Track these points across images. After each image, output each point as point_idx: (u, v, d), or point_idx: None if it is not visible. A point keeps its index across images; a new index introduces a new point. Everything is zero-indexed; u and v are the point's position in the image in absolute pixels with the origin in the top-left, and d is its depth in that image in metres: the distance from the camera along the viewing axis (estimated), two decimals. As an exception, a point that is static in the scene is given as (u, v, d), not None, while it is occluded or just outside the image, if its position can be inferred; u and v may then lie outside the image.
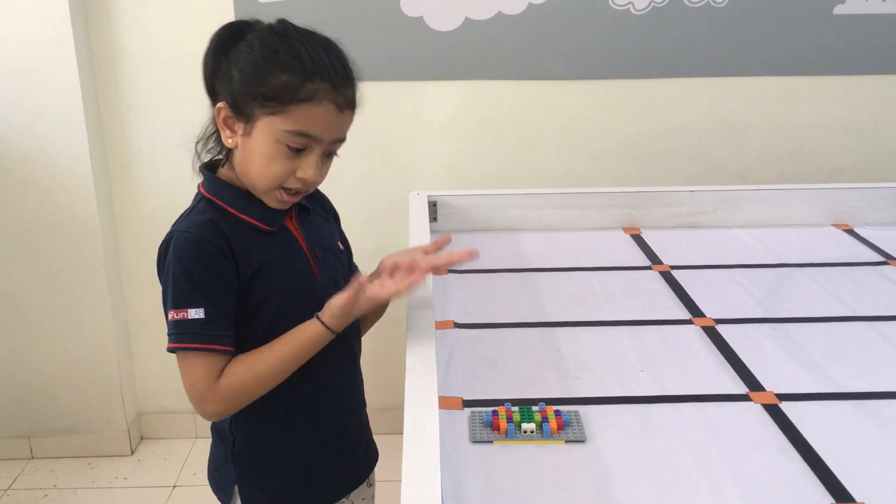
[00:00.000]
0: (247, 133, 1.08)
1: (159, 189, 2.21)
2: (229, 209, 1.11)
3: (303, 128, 1.05)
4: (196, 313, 1.06)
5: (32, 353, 2.28)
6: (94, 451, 2.37)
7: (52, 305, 2.24)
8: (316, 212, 1.23)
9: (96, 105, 2.15)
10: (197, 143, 1.19)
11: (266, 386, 1.10)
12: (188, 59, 2.12)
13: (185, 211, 1.14)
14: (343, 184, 2.16)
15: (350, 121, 1.10)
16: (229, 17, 2.06)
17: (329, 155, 1.11)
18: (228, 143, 1.11)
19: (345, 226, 1.32)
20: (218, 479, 1.24)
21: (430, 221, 1.69)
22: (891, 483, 0.89)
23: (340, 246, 1.25)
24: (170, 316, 1.07)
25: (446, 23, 2.11)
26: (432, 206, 1.72)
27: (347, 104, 1.08)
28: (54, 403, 2.33)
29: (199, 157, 1.19)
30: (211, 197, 1.13)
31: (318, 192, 1.24)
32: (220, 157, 1.18)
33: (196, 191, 1.17)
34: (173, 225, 1.12)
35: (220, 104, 1.12)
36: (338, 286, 1.14)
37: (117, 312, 2.29)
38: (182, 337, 1.06)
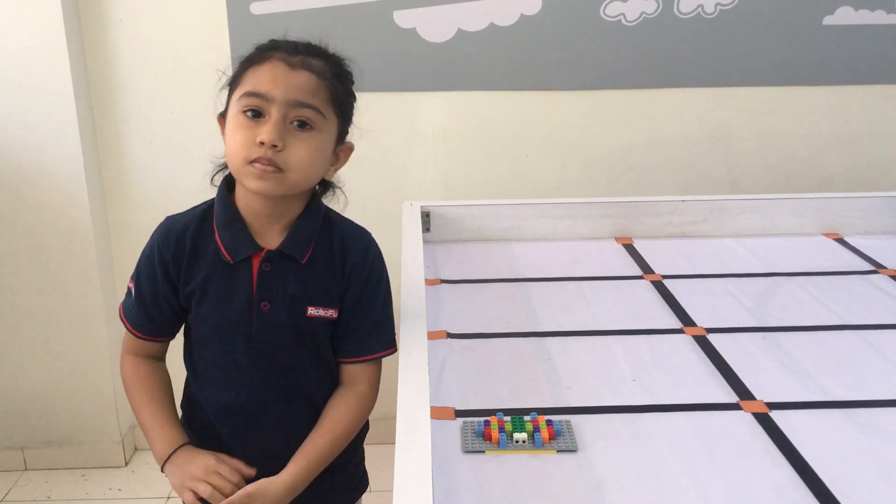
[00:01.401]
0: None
1: (153, 199, 2.21)
2: (213, 223, 1.13)
3: (252, 87, 1.05)
4: (132, 288, 1.17)
5: (26, 363, 2.27)
6: (88, 463, 2.36)
7: (46, 316, 2.23)
8: (315, 264, 1.14)
9: (90, 115, 2.15)
10: (217, 163, 1.19)
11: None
12: (182, 69, 2.13)
13: (202, 202, 1.18)
14: (335, 194, 2.16)
15: (312, 85, 1.06)
16: (223, 28, 2.08)
17: (303, 125, 1.05)
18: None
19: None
20: None
21: (424, 232, 1.69)
22: (880, 491, 0.89)
23: (315, 311, 1.14)
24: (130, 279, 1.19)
25: (439, 34, 2.12)
26: (425, 216, 1.72)
27: (304, 64, 1.06)
28: (48, 414, 2.33)
29: (214, 175, 1.20)
30: (215, 202, 1.15)
31: (347, 238, 1.17)
32: None
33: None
34: (185, 210, 1.18)
35: (217, 117, 1.14)
36: (278, 346, 1.13)
37: (111, 323, 2.28)
38: (123, 303, 1.20)
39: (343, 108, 1.12)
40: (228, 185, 1.15)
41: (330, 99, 1.08)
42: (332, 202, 1.21)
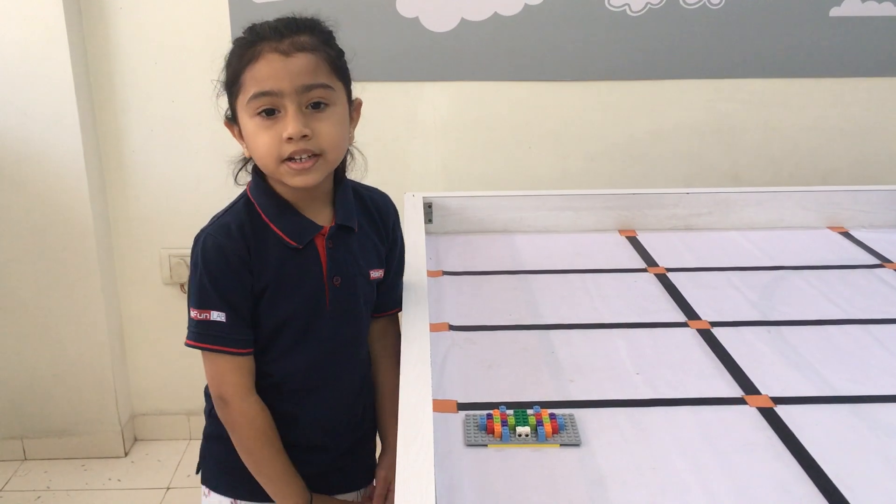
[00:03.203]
0: (241, 131, 1.10)
1: (153, 190, 2.20)
2: (263, 215, 1.12)
3: (257, 87, 1.04)
4: (218, 316, 1.09)
5: (25, 354, 2.27)
6: (88, 453, 2.36)
7: (46, 306, 2.23)
8: (363, 230, 1.19)
9: (90, 105, 2.14)
10: (236, 163, 1.18)
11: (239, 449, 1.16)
12: (183, 58, 2.11)
13: (226, 206, 1.16)
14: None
15: (311, 64, 1.05)
16: (224, 16, 2.07)
17: (318, 105, 1.06)
18: (247, 153, 1.13)
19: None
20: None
21: (426, 223, 1.68)
22: (886, 487, 0.89)
23: (374, 274, 1.20)
24: (192, 314, 1.11)
25: (442, 23, 2.10)
26: (427, 207, 1.72)
27: (295, 47, 1.05)
28: (47, 405, 2.32)
29: (237, 173, 1.19)
30: (251, 198, 1.14)
31: (378, 202, 1.24)
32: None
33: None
34: (211, 219, 1.14)
35: (224, 122, 1.14)
36: (349, 315, 1.17)
37: (111, 313, 2.28)
38: (204, 337, 1.10)
39: (342, 70, 1.12)
40: (261, 175, 1.14)
41: (330, 69, 1.08)
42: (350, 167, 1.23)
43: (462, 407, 1.04)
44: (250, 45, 1.06)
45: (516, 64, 2.15)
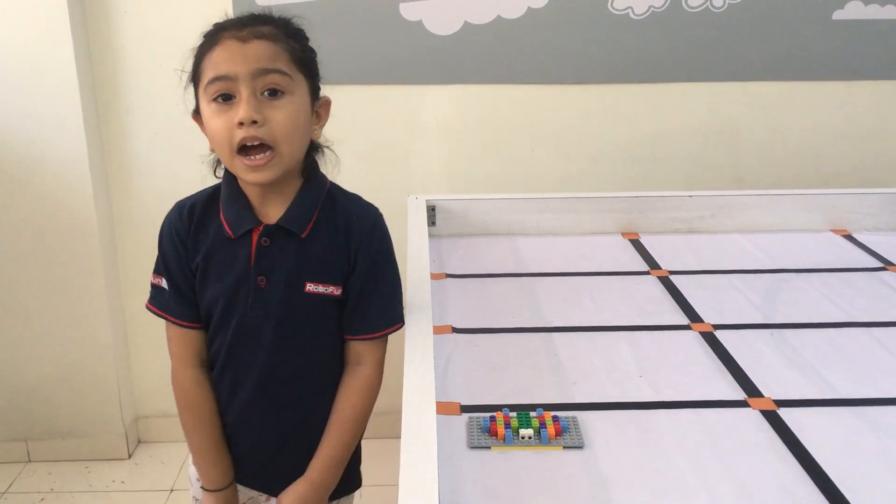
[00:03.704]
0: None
1: (157, 191, 2.21)
2: (220, 199, 1.15)
3: (214, 72, 1.04)
4: (166, 284, 1.16)
5: (29, 355, 2.27)
6: (92, 455, 2.36)
7: (50, 308, 2.23)
8: (319, 241, 1.12)
9: (94, 106, 2.15)
10: (211, 156, 1.18)
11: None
12: (187, 61, 2.12)
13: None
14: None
15: (269, 50, 1.04)
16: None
17: (274, 93, 1.04)
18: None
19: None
20: None
21: (429, 226, 1.69)
22: (888, 489, 0.89)
23: (315, 288, 1.12)
24: (152, 277, 1.18)
25: (445, 27, 2.11)
26: (431, 210, 1.72)
27: (254, 35, 1.04)
28: (51, 406, 2.33)
29: (214, 164, 1.20)
30: (220, 181, 1.17)
31: (352, 218, 1.15)
32: None
33: None
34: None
35: (192, 116, 1.15)
36: (279, 322, 1.12)
37: (115, 315, 2.28)
38: (155, 301, 1.18)
39: (307, 64, 1.10)
40: None
41: (291, 59, 1.06)
42: (323, 165, 1.19)
43: (465, 409, 1.05)
44: (212, 34, 1.07)
45: (519, 67, 2.15)
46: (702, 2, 2.10)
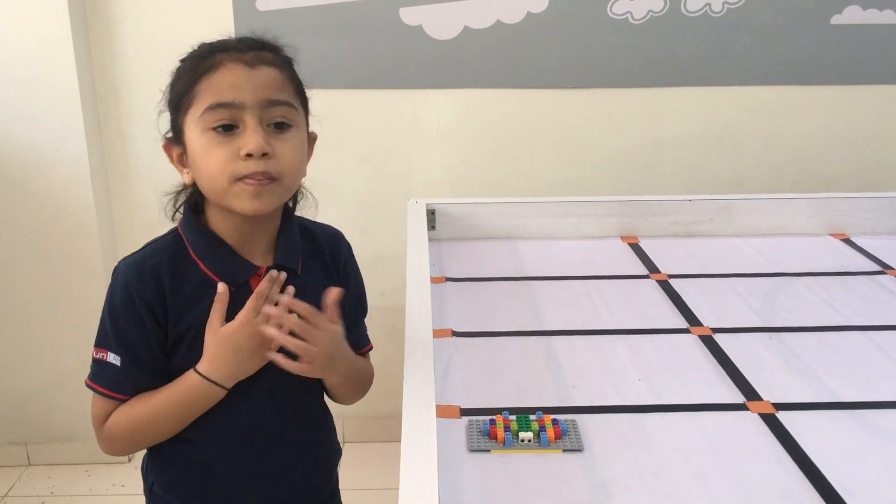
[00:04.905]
0: (186, 150, 0.99)
1: (158, 196, 2.20)
2: (192, 253, 1.02)
3: (215, 98, 0.94)
4: (114, 359, 1.00)
5: (30, 359, 2.28)
6: (92, 459, 2.36)
7: (50, 312, 2.24)
8: (310, 272, 1.07)
9: (95, 112, 2.15)
10: (169, 196, 1.08)
11: (151, 433, 1.03)
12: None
13: (154, 239, 1.07)
14: (341, 191, 2.17)
15: (277, 80, 0.97)
16: (229, 25, 2.08)
17: (280, 126, 0.96)
18: (186, 179, 1.02)
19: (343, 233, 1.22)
20: None
21: (429, 230, 1.69)
22: (887, 493, 0.89)
23: None
24: (93, 351, 1.02)
25: (445, 31, 2.11)
26: (431, 214, 1.72)
27: (260, 60, 0.96)
28: (52, 410, 2.33)
29: (173, 208, 1.09)
30: (181, 233, 1.04)
31: (330, 238, 1.12)
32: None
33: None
34: (139, 249, 1.06)
35: (163, 144, 1.05)
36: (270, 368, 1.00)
37: (115, 319, 2.28)
38: (99, 379, 1.02)
39: (304, 98, 1.03)
40: (194, 210, 1.06)
41: (295, 91, 1.00)
42: (303, 206, 1.12)
43: (465, 412, 1.05)
44: (207, 55, 0.97)
45: (519, 71, 2.16)
46: (701, 6, 2.10)
